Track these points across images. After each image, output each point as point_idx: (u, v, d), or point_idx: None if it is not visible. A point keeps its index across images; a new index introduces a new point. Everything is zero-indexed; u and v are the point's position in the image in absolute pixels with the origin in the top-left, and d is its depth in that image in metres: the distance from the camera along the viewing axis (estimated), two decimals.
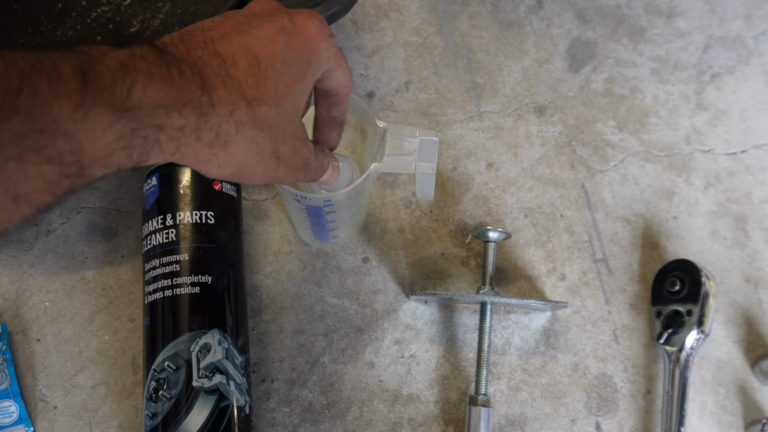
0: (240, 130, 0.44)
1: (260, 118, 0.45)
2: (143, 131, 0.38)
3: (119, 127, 0.37)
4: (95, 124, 0.35)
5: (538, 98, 0.88)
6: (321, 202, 0.66)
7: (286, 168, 0.50)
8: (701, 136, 0.86)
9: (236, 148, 0.44)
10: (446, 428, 0.74)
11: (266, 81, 0.45)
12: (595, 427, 0.74)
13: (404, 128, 0.65)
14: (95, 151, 0.36)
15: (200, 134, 0.42)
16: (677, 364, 0.72)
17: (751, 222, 0.82)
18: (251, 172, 0.47)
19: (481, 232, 0.76)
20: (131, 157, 0.39)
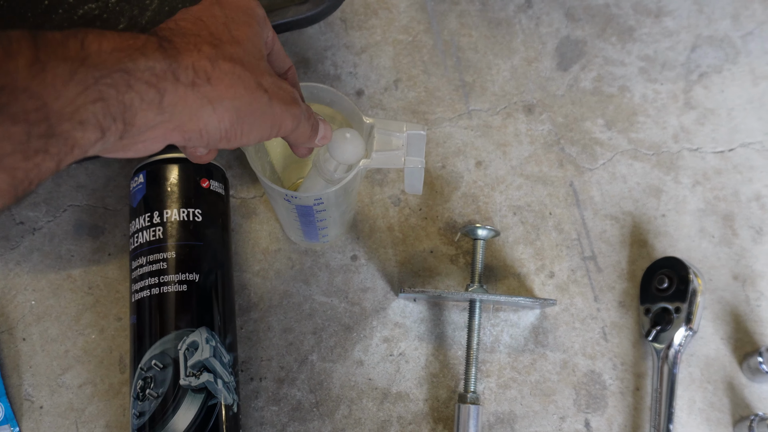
0: (214, 64, 0.44)
1: (228, 53, 0.45)
2: (109, 78, 0.37)
3: (81, 77, 0.36)
4: (55, 78, 0.35)
5: (526, 97, 0.88)
6: (311, 201, 0.66)
7: (278, 101, 0.48)
8: (689, 134, 0.86)
9: (220, 82, 0.44)
10: (435, 426, 0.73)
11: (217, 29, 0.46)
12: (585, 424, 0.74)
13: (391, 123, 0.65)
14: (61, 105, 0.35)
15: (177, 74, 0.41)
16: (666, 361, 0.72)
17: (739, 220, 0.82)
18: (249, 113, 0.46)
19: (469, 230, 0.76)
20: (111, 114, 0.38)
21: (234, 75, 0.45)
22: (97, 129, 0.37)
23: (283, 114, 0.49)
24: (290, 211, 0.69)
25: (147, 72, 0.39)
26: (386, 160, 0.65)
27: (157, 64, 0.40)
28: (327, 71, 0.89)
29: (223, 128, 0.45)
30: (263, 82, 0.47)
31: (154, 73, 0.40)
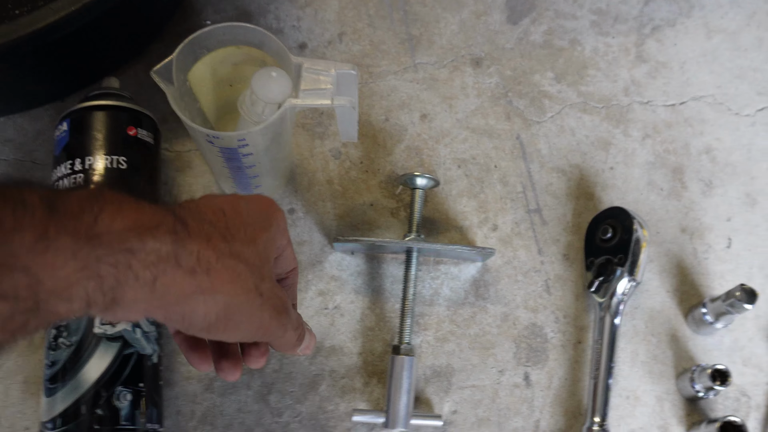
0: (220, 258, 0.42)
1: (236, 251, 0.44)
2: (112, 258, 0.36)
3: (83, 255, 0.35)
4: (56, 257, 0.33)
5: (475, 50, 0.86)
6: (235, 142, 0.63)
7: (270, 309, 0.47)
8: (640, 87, 0.84)
9: (218, 276, 0.42)
10: (369, 380, 0.71)
11: (235, 225, 0.45)
12: (524, 377, 0.71)
13: (320, 62, 0.63)
14: (54, 284, 0.34)
15: (179, 258, 0.40)
16: (608, 312, 0.70)
17: (689, 173, 0.80)
18: (238, 313, 0.44)
19: (408, 179, 0.73)
20: (101, 289, 0.36)
21: (235, 273, 0.43)
22: (83, 303, 0.36)
23: (271, 321, 0.47)
24: (216, 155, 0.66)
25: (152, 254, 0.38)
26: (314, 99, 0.62)
27: (164, 247, 0.39)
28: (269, 24, 0.86)
29: (207, 320, 0.43)
30: (261, 287, 0.46)
31: (158, 255, 0.38)
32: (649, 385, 0.71)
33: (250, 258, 0.45)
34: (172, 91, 0.63)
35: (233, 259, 0.44)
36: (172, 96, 0.62)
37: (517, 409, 0.70)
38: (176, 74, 0.63)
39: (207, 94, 0.71)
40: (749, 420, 0.70)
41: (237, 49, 0.67)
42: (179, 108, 0.62)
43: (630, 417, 0.70)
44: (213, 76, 0.69)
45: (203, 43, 0.65)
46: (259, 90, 0.62)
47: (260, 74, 0.62)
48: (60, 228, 0.34)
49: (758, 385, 0.71)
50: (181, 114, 0.61)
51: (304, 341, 0.54)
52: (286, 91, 0.62)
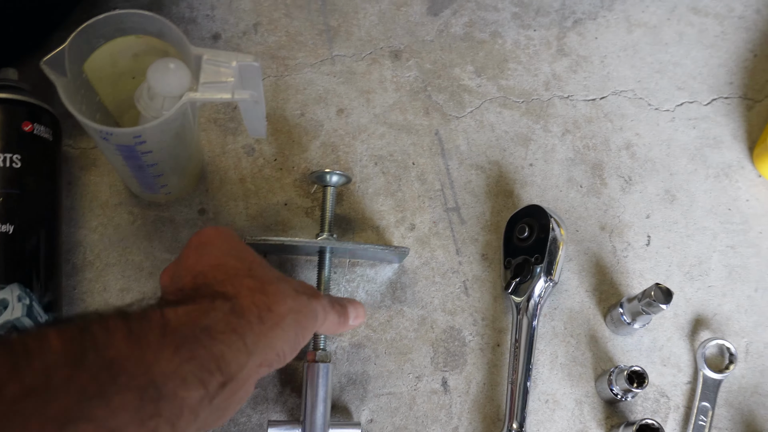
0: (265, 293, 0.49)
1: (263, 278, 0.50)
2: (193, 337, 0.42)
3: (170, 340, 0.41)
4: (149, 345, 0.40)
5: (394, 42, 0.83)
6: (131, 139, 0.59)
7: (313, 299, 0.53)
8: (561, 82, 0.83)
9: (277, 305, 0.49)
10: (283, 389, 0.68)
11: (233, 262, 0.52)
12: (442, 383, 0.70)
13: (221, 53, 0.59)
14: (162, 368, 0.40)
15: (246, 315, 0.47)
16: (525, 314, 0.68)
17: (608, 169, 0.79)
18: (304, 317, 0.51)
19: (319, 176, 0.70)
20: (204, 366, 0.42)
21: (281, 292, 0.49)
22: (199, 384, 0.41)
23: (317, 307, 0.53)
24: (113, 153, 0.62)
25: (222, 323, 0.44)
26: (215, 92, 0.59)
27: (227, 315, 0.44)
28: (182, 14, 0.82)
29: (291, 342, 0.49)
30: (296, 287, 0.52)
31: (228, 323, 0.44)
32: (568, 388, 0.70)
33: (270, 275, 0.51)
34: (64, 83, 0.59)
35: (271, 285, 0.49)
36: (64, 88, 0.58)
37: (435, 416, 0.68)
38: (69, 65, 0.59)
39: (107, 86, 0.67)
40: (668, 421, 0.70)
41: (137, 38, 0.63)
42: (71, 102, 0.58)
43: (549, 421, 0.69)
44: (113, 68, 0.65)
45: (99, 32, 0.61)
46: (155, 83, 0.58)
47: (157, 66, 0.58)
48: (139, 325, 0.40)
49: (677, 385, 0.71)
50: (72, 108, 0.57)
51: (350, 313, 0.59)
52: (185, 84, 0.59)
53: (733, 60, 0.85)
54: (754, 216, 0.78)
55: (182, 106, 0.58)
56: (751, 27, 0.87)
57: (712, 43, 0.86)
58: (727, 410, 0.70)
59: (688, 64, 0.85)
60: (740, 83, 0.84)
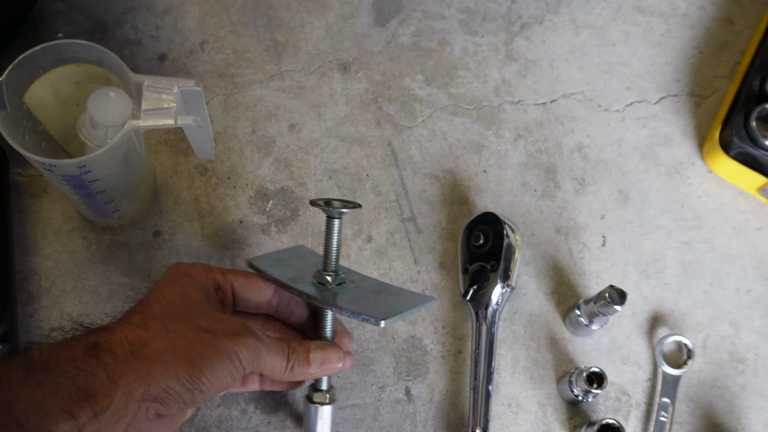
0: (146, 328, 0.48)
1: (156, 313, 0.50)
2: (57, 370, 0.43)
3: (34, 375, 0.42)
4: (11, 382, 0.42)
5: (342, 55, 0.83)
6: (75, 170, 0.59)
7: (225, 337, 0.50)
8: (511, 87, 0.83)
9: (156, 341, 0.47)
10: (245, 407, 0.68)
11: (146, 298, 0.54)
12: (405, 392, 0.70)
13: (162, 80, 0.59)
14: (24, 404, 0.41)
15: (114, 349, 0.46)
16: (484, 320, 0.69)
17: (561, 172, 0.79)
18: (200, 356, 0.48)
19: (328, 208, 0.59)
20: (70, 398, 0.42)
21: (167, 330, 0.48)
22: (67, 416, 0.41)
23: (234, 345, 0.50)
24: (61, 183, 0.62)
25: (87, 355, 0.44)
26: (157, 119, 0.59)
27: (92, 348, 0.44)
28: (127, 36, 0.82)
29: (184, 382, 0.46)
30: (202, 324, 0.50)
31: (94, 355, 0.44)
32: (530, 390, 0.70)
33: (173, 311, 0.50)
34: (4, 115, 0.58)
35: (158, 321, 0.48)
36: (4, 121, 0.58)
37: (400, 425, 0.68)
38: (8, 97, 0.59)
39: (50, 115, 0.66)
40: (630, 418, 0.70)
41: (77, 67, 0.63)
42: (11, 135, 0.57)
43: (513, 425, 0.69)
44: (55, 97, 0.65)
45: (37, 63, 0.60)
46: (96, 112, 0.58)
47: (97, 96, 0.58)
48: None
49: (637, 382, 0.71)
50: (12, 141, 0.56)
51: (315, 359, 0.56)
52: (126, 113, 0.58)
53: (679, 58, 0.86)
54: (706, 212, 0.79)
55: (125, 134, 0.58)
56: (696, 24, 0.88)
57: (658, 42, 0.87)
58: (687, 405, 0.71)
59: (635, 63, 0.86)
60: (687, 81, 0.85)
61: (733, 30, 0.88)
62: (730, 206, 0.79)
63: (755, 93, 0.78)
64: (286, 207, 0.75)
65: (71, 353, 0.44)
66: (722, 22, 0.88)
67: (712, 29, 0.88)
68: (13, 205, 0.72)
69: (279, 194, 0.76)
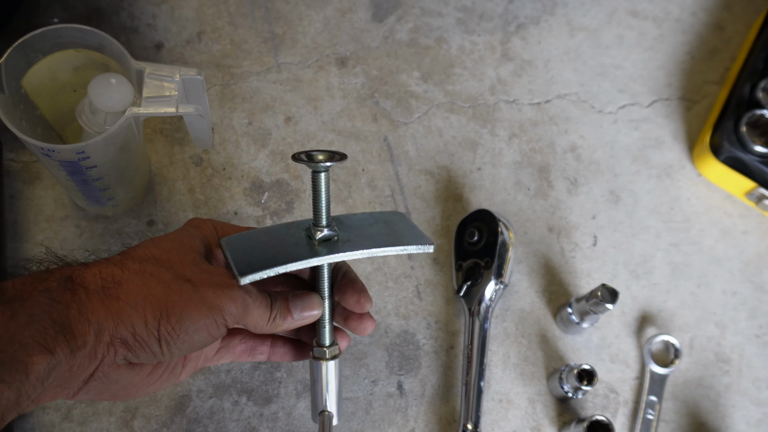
0: (123, 267, 0.46)
1: (137, 255, 0.47)
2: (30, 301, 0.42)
3: (5, 307, 0.40)
4: None
5: (340, 49, 0.84)
6: (74, 155, 0.59)
7: (209, 288, 0.47)
8: (506, 86, 0.84)
9: (130, 282, 0.45)
10: (237, 398, 0.68)
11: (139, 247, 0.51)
12: (397, 386, 0.70)
13: (163, 67, 0.59)
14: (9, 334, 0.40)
15: (86, 283, 0.44)
16: (477, 317, 0.69)
17: (554, 171, 0.80)
18: (174, 304, 0.45)
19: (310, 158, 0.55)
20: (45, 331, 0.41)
21: (143, 273, 0.45)
22: (43, 349, 0.39)
23: (218, 298, 0.46)
24: (58, 169, 0.61)
25: (62, 288, 0.42)
26: (158, 107, 0.58)
27: (66, 280, 0.43)
28: (123, 23, 0.81)
29: (152, 327, 0.44)
30: (186, 273, 0.47)
31: (69, 288, 0.42)
32: (521, 387, 0.71)
33: (158, 255, 0.47)
34: (2, 99, 0.58)
35: (137, 263, 0.46)
36: (2, 105, 0.57)
37: (392, 419, 0.69)
38: (7, 80, 0.58)
39: (47, 101, 0.66)
40: (618, 416, 0.71)
41: (76, 52, 0.62)
42: (10, 118, 0.57)
43: (503, 420, 0.70)
44: (53, 82, 0.64)
45: (37, 47, 0.60)
46: (96, 98, 0.58)
47: (97, 82, 0.58)
48: None
49: (626, 381, 0.73)
50: (11, 125, 0.56)
51: (296, 307, 0.53)
52: (127, 99, 0.58)
53: (671, 62, 0.88)
54: (695, 214, 0.80)
55: (125, 121, 0.58)
56: (688, 29, 0.89)
57: (650, 46, 0.88)
58: (673, 403, 0.72)
59: (628, 66, 0.87)
60: (679, 85, 0.86)
61: (724, 36, 0.89)
62: (718, 209, 0.80)
63: (745, 99, 0.80)
64: (281, 199, 0.75)
65: (46, 285, 0.42)
66: (713, 28, 0.90)
67: (704, 35, 0.89)
68: (5, 191, 0.72)
69: (274, 186, 0.76)
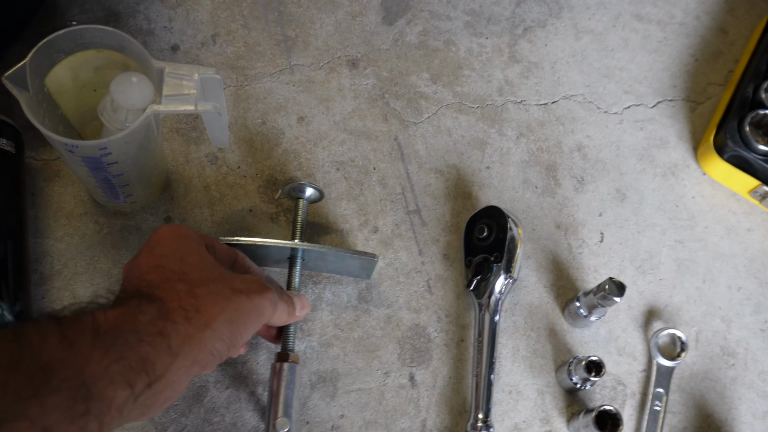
0: (194, 295, 0.51)
1: (197, 280, 0.52)
2: (121, 338, 0.45)
3: (100, 342, 0.43)
4: (81, 347, 0.43)
5: (351, 51, 0.86)
6: (96, 151, 0.60)
7: (255, 296, 0.54)
8: (513, 87, 0.86)
9: (206, 307, 0.51)
10: (254, 388, 0.69)
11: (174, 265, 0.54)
12: (409, 378, 0.72)
13: (182, 67, 0.61)
14: (93, 369, 0.42)
15: (173, 318, 0.49)
16: (487, 310, 0.71)
17: (561, 170, 0.82)
18: (239, 316, 0.53)
19: (292, 189, 0.72)
20: (131, 367, 0.45)
21: (212, 294, 0.51)
22: (126, 384, 0.44)
23: (262, 302, 0.55)
24: (80, 165, 0.63)
25: (148, 325, 0.46)
26: (178, 104, 0.60)
27: (154, 318, 0.47)
28: (140, 26, 0.83)
29: (226, 341, 0.51)
30: (235, 286, 0.53)
31: (155, 325, 0.46)
32: (530, 379, 0.73)
33: (208, 276, 0.53)
34: (27, 98, 0.60)
35: (202, 287, 0.51)
36: (27, 103, 0.59)
37: (404, 409, 0.70)
38: (31, 80, 0.60)
39: (69, 100, 0.68)
40: (625, 407, 0.73)
41: (97, 52, 0.64)
42: (35, 116, 0.59)
43: (513, 411, 0.71)
44: (74, 82, 0.66)
45: (60, 47, 0.62)
46: (118, 96, 0.60)
47: (119, 80, 0.60)
48: (71, 329, 0.43)
49: (633, 373, 0.74)
50: (36, 122, 0.58)
51: (297, 305, 0.62)
52: (148, 97, 0.60)
53: (675, 64, 0.89)
54: (699, 212, 0.82)
55: (146, 119, 0.60)
56: (692, 33, 0.91)
57: (655, 49, 0.90)
58: (680, 395, 0.73)
59: (633, 68, 0.89)
60: (683, 86, 0.88)
61: (727, 39, 0.91)
62: (722, 207, 0.82)
63: (749, 99, 0.81)
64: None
65: (134, 323, 0.46)
66: (717, 32, 0.92)
67: (707, 38, 0.91)
68: (27, 189, 0.73)
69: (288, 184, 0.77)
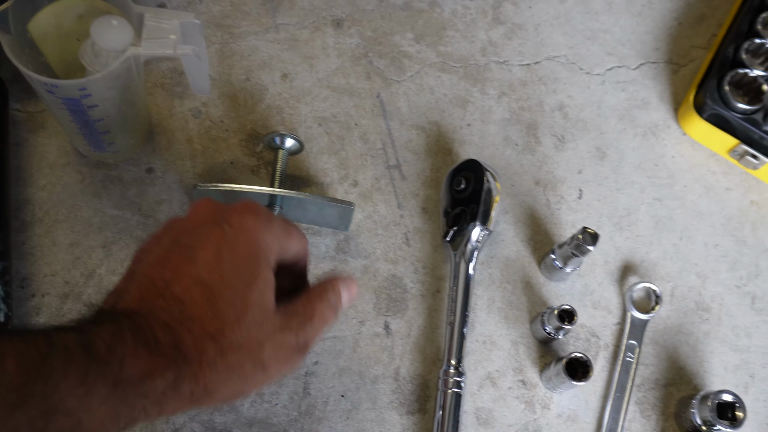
0: (213, 368, 0.44)
1: (228, 345, 0.44)
2: (131, 400, 0.40)
3: (111, 400, 0.39)
4: (92, 401, 0.38)
5: (335, 11, 0.86)
6: (76, 92, 0.62)
7: (278, 365, 0.48)
8: (497, 48, 0.87)
9: (216, 387, 0.45)
10: None
11: (223, 306, 0.45)
12: (384, 326, 0.72)
13: (162, 12, 0.62)
14: (91, 424, 0.39)
15: (179, 388, 0.43)
16: (462, 258, 0.72)
17: (542, 128, 0.83)
18: (244, 392, 0.47)
19: (273, 138, 0.73)
20: (118, 424, 0.41)
21: (231, 371, 0.45)
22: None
23: (280, 371, 0.48)
24: (60, 108, 0.64)
25: (160, 394, 0.42)
26: (157, 47, 0.61)
27: (168, 384, 0.42)
28: None
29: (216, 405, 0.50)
30: (261, 357, 0.46)
31: (163, 392, 0.42)
32: (504, 329, 0.74)
33: (244, 338, 0.45)
34: (9, 40, 0.61)
35: (226, 357, 0.44)
36: (9, 46, 0.60)
37: (378, 357, 0.71)
38: (14, 24, 0.61)
39: (52, 48, 0.69)
40: (598, 358, 0.73)
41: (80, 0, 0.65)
42: (17, 58, 0.60)
43: (487, 360, 0.72)
44: (57, 29, 0.67)
45: None
46: (98, 38, 0.61)
47: (99, 22, 0.61)
48: (96, 373, 0.39)
49: (607, 326, 0.75)
50: (17, 62, 0.59)
51: (343, 301, 0.53)
52: (127, 39, 0.61)
53: (659, 27, 0.90)
54: (679, 171, 0.82)
55: (126, 60, 0.61)
56: None
57: (639, 12, 0.90)
58: (653, 348, 0.74)
59: (617, 31, 0.89)
60: (666, 49, 0.89)
61: (712, 4, 0.92)
62: (701, 167, 0.82)
63: (729, 59, 0.82)
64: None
65: (164, 379, 0.42)
66: None
67: (692, 2, 0.92)
68: (11, 139, 0.75)
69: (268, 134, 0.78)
